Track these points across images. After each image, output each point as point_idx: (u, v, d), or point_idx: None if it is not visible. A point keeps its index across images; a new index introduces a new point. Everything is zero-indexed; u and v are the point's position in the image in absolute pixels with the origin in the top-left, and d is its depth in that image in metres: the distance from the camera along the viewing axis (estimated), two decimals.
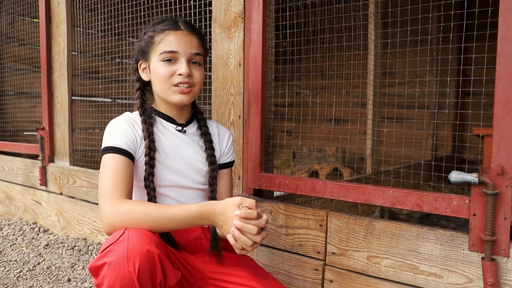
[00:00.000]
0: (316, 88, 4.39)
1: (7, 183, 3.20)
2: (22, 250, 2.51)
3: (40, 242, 2.62)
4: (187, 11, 1.99)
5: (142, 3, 2.24)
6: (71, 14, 2.63)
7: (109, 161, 1.15)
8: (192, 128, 1.36)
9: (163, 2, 2.09)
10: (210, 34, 1.91)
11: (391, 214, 2.47)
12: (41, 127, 2.79)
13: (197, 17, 1.96)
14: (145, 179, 1.21)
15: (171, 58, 1.23)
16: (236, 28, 1.80)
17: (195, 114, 1.39)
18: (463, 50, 3.64)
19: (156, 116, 1.31)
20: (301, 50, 2.11)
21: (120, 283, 0.95)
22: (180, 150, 1.30)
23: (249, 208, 1.05)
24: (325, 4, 2.18)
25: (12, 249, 2.53)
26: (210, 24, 1.91)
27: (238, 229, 1.03)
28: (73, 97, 2.68)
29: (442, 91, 3.90)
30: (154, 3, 2.15)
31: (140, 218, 1.05)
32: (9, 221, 3.09)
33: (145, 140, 1.22)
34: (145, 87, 1.34)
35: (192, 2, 1.98)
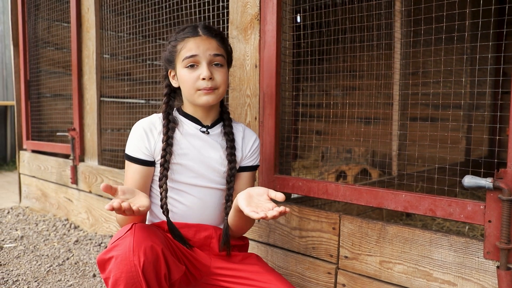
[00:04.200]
0: (343, 88, 4.33)
1: (43, 181, 3.36)
2: (54, 245, 2.63)
3: (71, 238, 2.74)
4: (206, 14, 2.02)
5: (164, 7, 2.30)
6: (100, 19, 2.73)
7: (127, 168, 1.33)
8: (217, 130, 1.40)
9: (183, 5, 2.13)
10: (227, 36, 1.92)
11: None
12: (72, 128, 2.91)
13: (215, 20, 1.98)
14: (160, 179, 1.31)
15: (193, 64, 1.28)
16: (252, 30, 1.81)
17: (221, 116, 1.43)
18: (501, 48, 3.48)
19: (182, 117, 1.38)
20: (325, 50, 2.08)
21: (126, 276, 1.02)
22: (200, 151, 1.35)
23: None
24: (349, 3, 2.15)
25: (45, 244, 2.65)
26: (227, 27, 1.93)
27: None
28: (101, 99, 2.78)
29: (477, 91, 3.74)
30: (175, 7, 2.20)
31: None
32: (44, 217, 3.25)
33: (162, 143, 1.30)
34: (174, 92, 1.41)
35: (211, 5, 2.01)
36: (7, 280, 2.09)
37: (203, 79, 1.27)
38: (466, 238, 1.25)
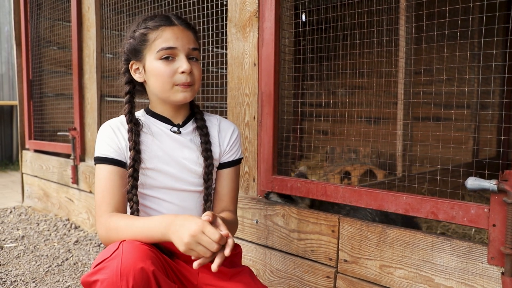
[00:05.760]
0: (349, 87, 4.27)
1: (45, 181, 3.35)
2: (54, 245, 2.61)
3: (71, 238, 2.72)
4: (205, 11, 1.98)
5: (163, 5, 2.27)
6: (100, 18, 2.71)
7: (97, 172, 1.16)
8: (189, 127, 1.28)
9: (182, 3, 2.10)
10: (226, 34, 1.89)
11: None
12: (73, 127, 2.89)
13: (214, 17, 1.95)
14: (128, 192, 1.16)
15: (169, 56, 1.16)
16: (251, 27, 1.77)
17: (193, 111, 1.31)
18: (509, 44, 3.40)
19: (151, 118, 1.25)
20: (328, 47, 2.03)
21: None
22: (173, 152, 1.23)
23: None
24: None
25: (45, 244, 2.64)
26: (226, 24, 1.89)
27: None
28: (106, 98, 2.76)
29: (485, 90, 3.66)
30: (174, 5, 2.17)
31: (114, 235, 1.07)
32: (45, 217, 3.24)
33: (130, 150, 1.17)
34: (135, 89, 1.26)
35: (209, 2, 1.97)
36: (5, 281, 2.07)
37: (182, 72, 1.15)
38: (470, 243, 1.20)
